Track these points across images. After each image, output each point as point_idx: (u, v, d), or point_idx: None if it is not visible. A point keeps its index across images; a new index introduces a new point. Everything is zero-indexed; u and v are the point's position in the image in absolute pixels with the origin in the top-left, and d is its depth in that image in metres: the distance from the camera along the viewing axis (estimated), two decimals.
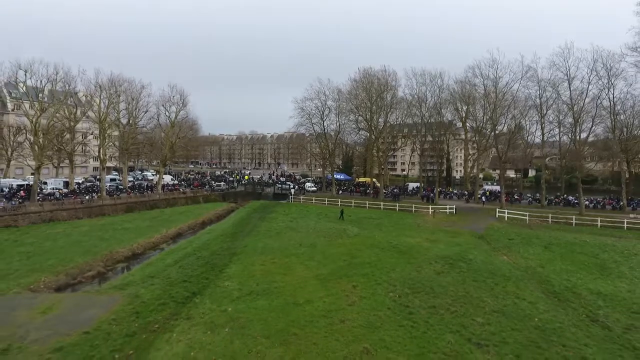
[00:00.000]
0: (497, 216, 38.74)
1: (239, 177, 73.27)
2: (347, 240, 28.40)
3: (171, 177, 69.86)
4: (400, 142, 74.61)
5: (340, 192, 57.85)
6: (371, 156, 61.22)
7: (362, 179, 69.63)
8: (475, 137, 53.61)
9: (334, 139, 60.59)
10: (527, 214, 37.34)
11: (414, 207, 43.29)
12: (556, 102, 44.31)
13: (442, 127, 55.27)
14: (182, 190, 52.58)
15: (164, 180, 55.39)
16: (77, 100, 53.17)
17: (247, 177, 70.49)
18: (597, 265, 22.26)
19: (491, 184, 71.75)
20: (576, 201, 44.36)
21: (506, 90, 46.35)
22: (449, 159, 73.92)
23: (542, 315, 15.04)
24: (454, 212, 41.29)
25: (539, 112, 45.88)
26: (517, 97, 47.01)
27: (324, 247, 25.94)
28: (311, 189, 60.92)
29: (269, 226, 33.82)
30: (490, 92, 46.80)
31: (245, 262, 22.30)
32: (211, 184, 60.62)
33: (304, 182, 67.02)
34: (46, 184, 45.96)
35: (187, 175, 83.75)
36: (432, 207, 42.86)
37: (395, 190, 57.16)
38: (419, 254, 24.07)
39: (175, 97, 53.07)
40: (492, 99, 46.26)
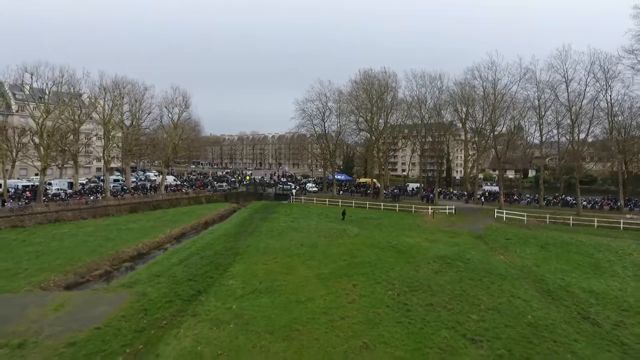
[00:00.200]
0: (495, 216, 39.26)
1: (241, 177, 73.67)
2: (348, 240, 28.92)
3: (174, 177, 70.33)
4: (400, 142, 74.78)
5: (341, 192, 58.36)
6: (372, 157, 61.61)
7: (362, 180, 69.91)
8: (474, 137, 54.10)
9: (334, 140, 61.12)
10: (525, 215, 37.84)
11: (414, 208, 43.80)
12: (554, 103, 44.84)
13: (442, 128, 55.68)
14: (184, 190, 53.20)
15: (167, 180, 55.90)
16: (81, 102, 53.83)
17: (248, 177, 70.81)
18: (592, 264, 22.79)
19: (491, 184, 72.18)
20: (574, 202, 44.85)
21: (505, 91, 46.99)
22: (449, 159, 74.26)
23: (535, 312, 15.59)
24: (453, 213, 41.78)
25: (537, 113, 46.34)
26: (515, 98, 47.67)
27: (325, 247, 26.46)
28: (312, 189, 61.31)
29: (271, 226, 34.37)
30: (489, 94, 47.35)
31: (248, 261, 22.86)
32: (213, 185, 61.07)
33: (305, 183, 67.47)
34: (51, 184, 46.61)
35: (190, 175, 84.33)
36: (431, 207, 43.31)
37: (395, 190, 57.66)
38: (418, 254, 24.59)
39: (177, 99, 53.84)
40: (491, 101, 46.81)
